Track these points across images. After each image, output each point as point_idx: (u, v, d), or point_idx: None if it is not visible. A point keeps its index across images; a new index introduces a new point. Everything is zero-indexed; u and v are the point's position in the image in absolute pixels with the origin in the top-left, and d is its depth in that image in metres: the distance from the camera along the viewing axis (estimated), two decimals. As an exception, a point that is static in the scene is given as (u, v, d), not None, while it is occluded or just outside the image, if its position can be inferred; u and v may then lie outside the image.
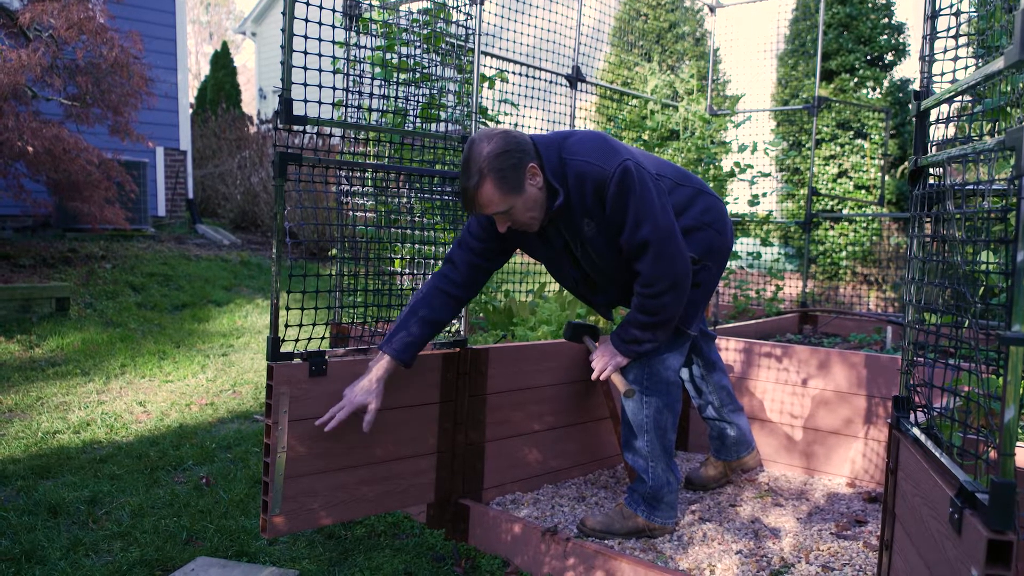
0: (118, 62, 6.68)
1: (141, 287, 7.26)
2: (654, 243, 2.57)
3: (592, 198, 2.57)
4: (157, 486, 3.39)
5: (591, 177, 2.54)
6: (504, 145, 2.47)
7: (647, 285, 2.63)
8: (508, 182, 2.48)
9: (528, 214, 2.58)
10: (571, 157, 2.57)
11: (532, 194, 2.55)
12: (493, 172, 2.45)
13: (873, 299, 8.56)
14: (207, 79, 15.95)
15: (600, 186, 2.54)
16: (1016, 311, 1.46)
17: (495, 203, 2.50)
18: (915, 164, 2.21)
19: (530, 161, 2.52)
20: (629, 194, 2.54)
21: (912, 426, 2.09)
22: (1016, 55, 1.47)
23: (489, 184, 2.46)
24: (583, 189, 2.56)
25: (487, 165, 2.45)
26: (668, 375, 2.92)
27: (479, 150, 2.47)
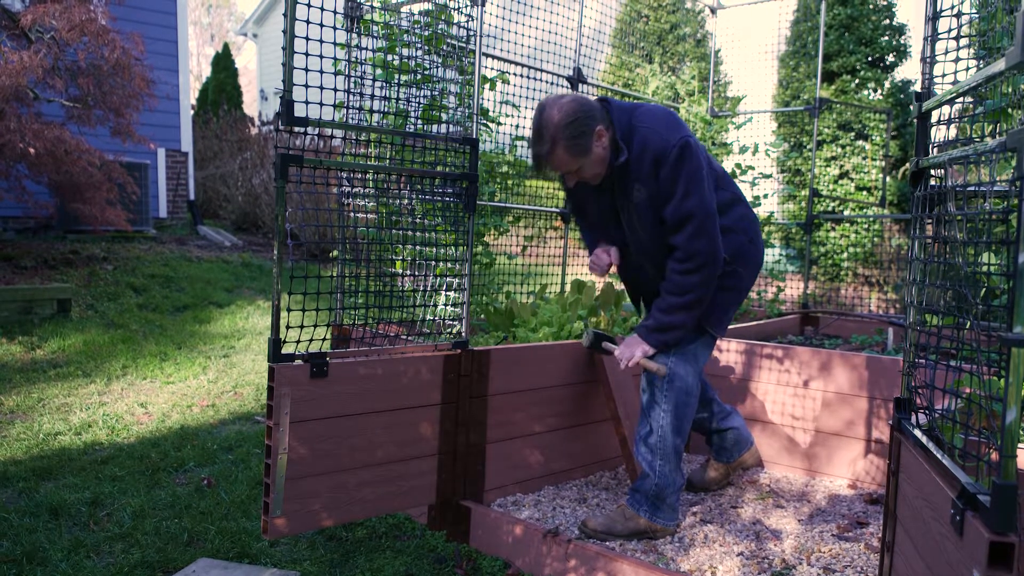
0: (120, 64, 6.69)
1: (142, 288, 7.27)
2: (697, 217, 2.70)
3: (649, 166, 2.72)
4: (158, 487, 3.39)
5: (652, 145, 2.70)
6: (573, 113, 2.65)
7: (683, 260, 2.74)
8: (578, 147, 2.68)
9: (593, 171, 2.78)
10: (639, 123, 2.74)
11: (598, 154, 2.74)
12: (564, 139, 2.65)
13: (874, 300, 8.56)
14: (208, 80, 15.96)
15: (659, 155, 2.69)
16: (1017, 312, 1.46)
17: (565, 165, 2.73)
18: (916, 165, 2.20)
19: (597, 125, 2.69)
20: (684, 166, 2.68)
21: (914, 428, 2.09)
22: (1017, 56, 1.47)
23: (560, 150, 2.67)
24: (643, 156, 2.72)
25: (559, 133, 2.64)
26: (689, 379, 2.95)
27: (549, 117, 2.66)
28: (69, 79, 6.78)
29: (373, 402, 2.78)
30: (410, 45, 3.53)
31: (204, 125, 13.44)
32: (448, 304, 3.25)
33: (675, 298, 2.79)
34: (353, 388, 2.71)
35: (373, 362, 2.77)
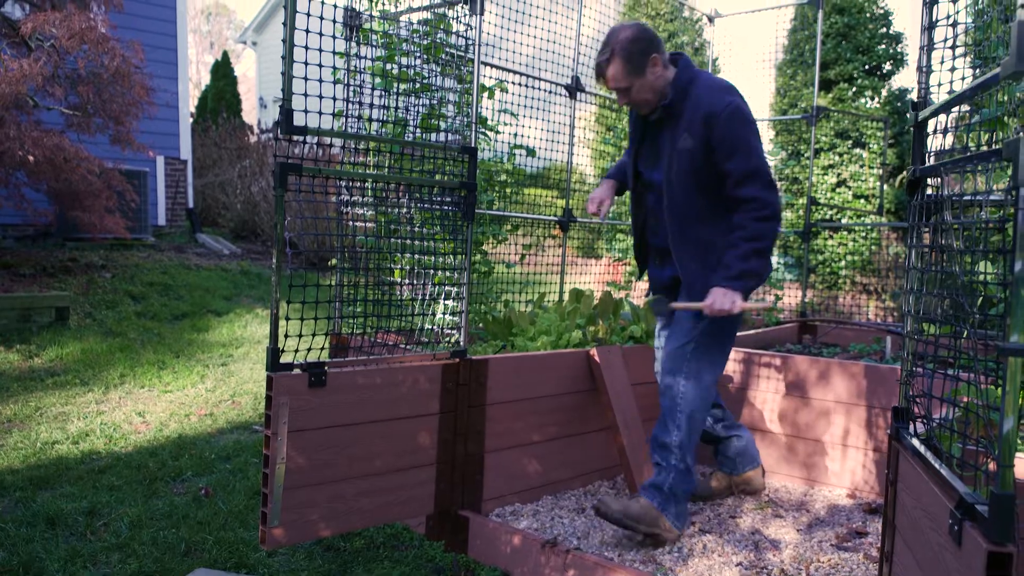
0: (119, 72, 6.69)
1: (141, 296, 7.26)
2: (764, 171, 2.93)
3: (700, 122, 2.94)
4: (156, 497, 3.38)
5: (705, 103, 2.95)
6: (636, 34, 2.97)
7: (759, 209, 2.90)
8: (632, 64, 2.96)
9: (642, 95, 3.03)
10: (700, 79, 3.03)
11: (650, 79, 3.00)
12: (622, 53, 2.95)
13: (872, 309, 8.56)
14: (208, 88, 15.98)
15: (710, 114, 2.92)
16: (1014, 322, 1.46)
17: (618, 79, 2.99)
18: (913, 174, 2.21)
19: (654, 52, 2.97)
20: (739, 125, 2.92)
21: (912, 437, 2.09)
22: (1013, 66, 1.47)
23: (617, 62, 2.96)
24: (697, 110, 2.96)
25: (619, 46, 2.95)
26: (708, 378, 3.08)
27: (615, 32, 2.99)
28: (69, 87, 6.79)
29: (371, 411, 2.77)
30: (409, 54, 3.54)
31: (203, 133, 13.45)
32: (446, 313, 3.25)
33: (753, 243, 2.91)
34: (351, 397, 2.71)
35: (371, 371, 2.77)
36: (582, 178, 6.12)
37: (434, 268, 3.33)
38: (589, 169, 6.14)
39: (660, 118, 3.09)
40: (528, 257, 4.83)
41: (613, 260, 6.84)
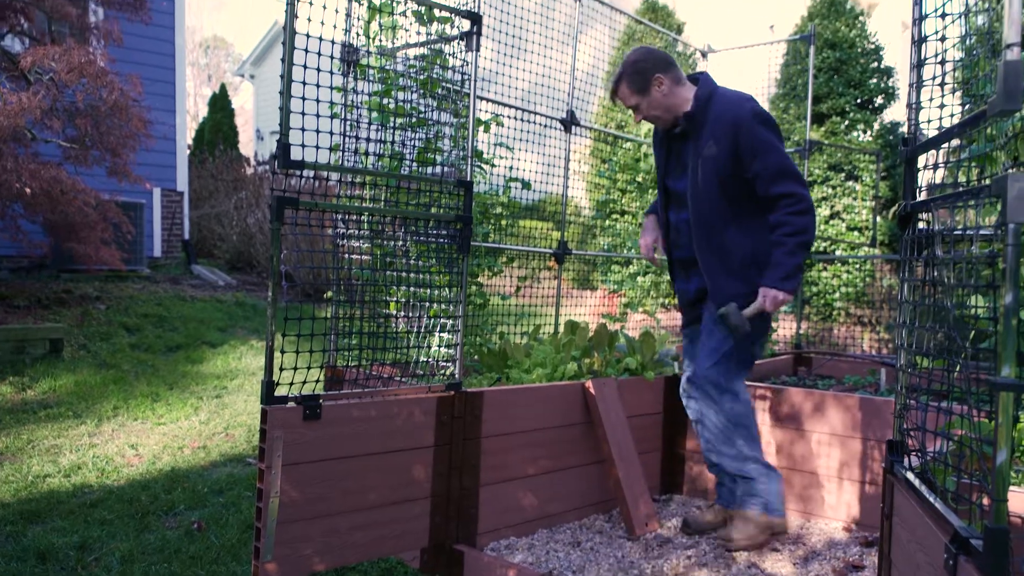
0: (117, 105, 6.75)
1: (135, 328, 7.25)
2: (793, 169, 3.12)
3: (725, 127, 3.12)
4: (148, 531, 3.35)
5: (729, 112, 3.14)
6: (640, 56, 3.25)
7: (795, 204, 3.07)
8: (636, 84, 3.23)
9: (653, 112, 3.28)
10: (720, 91, 3.24)
11: (656, 98, 3.24)
12: (627, 75, 3.25)
13: (867, 340, 8.58)
14: (205, 120, 16.08)
15: (736, 120, 3.11)
16: (1004, 355, 1.47)
17: (625, 97, 3.29)
18: (904, 209, 2.23)
19: (658, 73, 3.22)
20: (762, 128, 3.11)
21: (906, 470, 2.09)
22: (1000, 104, 1.50)
23: (623, 84, 3.27)
24: (721, 118, 3.14)
25: (625, 69, 3.26)
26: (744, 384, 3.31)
27: (626, 57, 3.28)
28: (67, 120, 6.83)
29: (366, 444, 2.77)
30: (406, 89, 3.58)
31: (200, 165, 13.51)
32: (442, 345, 3.25)
33: (797, 238, 3.07)
34: (346, 430, 2.70)
35: (366, 404, 2.77)
36: (577, 210, 6.16)
37: (429, 300, 3.34)
38: (584, 201, 6.18)
39: (684, 130, 3.27)
40: (523, 289, 4.84)
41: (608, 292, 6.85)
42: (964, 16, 2.12)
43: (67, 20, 7.26)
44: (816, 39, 10.12)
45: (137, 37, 9.29)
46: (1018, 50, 1.48)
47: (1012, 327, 1.47)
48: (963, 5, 2.11)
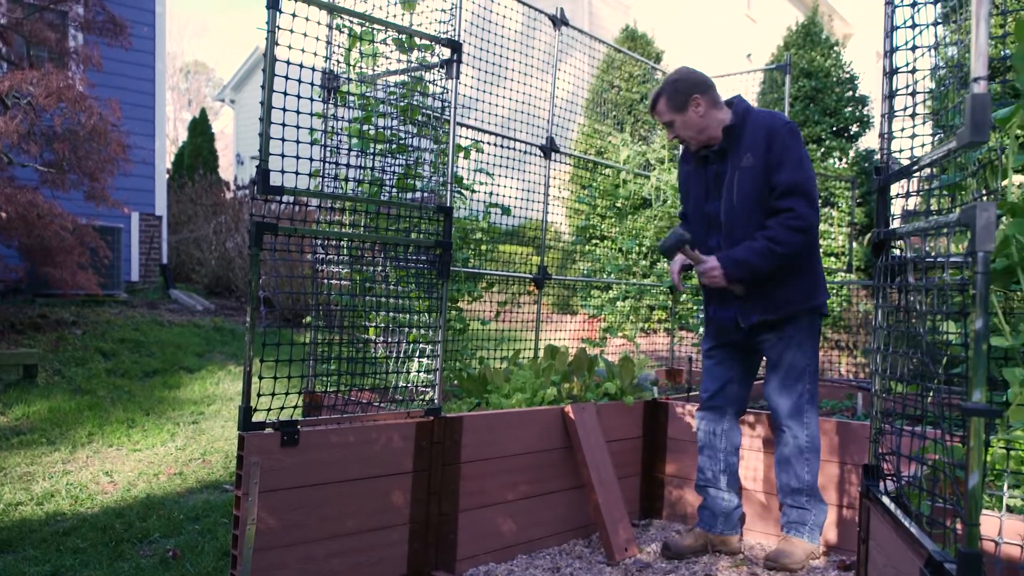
0: (96, 129, 6.72)
1: (111, 353, 7.17)
2: (809, 189, 3.20)
3: (762, 139, 3.23)
4: (122, 559, 3.30)
5: (765, 123, 3.28)
6: (682, 76, 3.36)
7: (794, 219, 3.17)
8: (674, 101, 3.33)
9: (687, 132, 3.37)
10: (755, 111, 3.37)
11: (692, 118, 3.33)
12: (665, 93, 3.36)
13: (844, 364, 8.64)
14: (185, 145, 16.05)
15: (771, 131, 3.23)
16: (975, 381, 1.50)
17: (662, 113, 3.39)
18: (877, 236, 2.27)
19: (696, 94, 3.31)
20: (794, 142, 3.23)
21: (882, 494, 2.11)
22: (968, 136, 1.54)
23: (662, 100, 3.37)
24: (757, 131, 3.26)
25: (665, 88, 3.37)
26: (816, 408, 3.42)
27: (668, 76, 3.41)
28: (44, 144, 6.80)
29: (344, 470, 2.75)
30: (386, 115, 3.60)
31: (179, 189, 13.46)
32: (421, 370, 3.25)
33: (771, 245, 3.16)
34: (324, 456, 2.69)
35: (345, 430, 2.76)
36: (557, 235, 6.19)
37: (409, 325, 3.34)
38: (564, 227, 6.21)
39: (722, 148, 3.35)
40: (503, 314, 4.85)
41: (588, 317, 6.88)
42: (934, 49, 2.18)
43: (46, 45, 7.25)
44: (792, 68, 10.27)
45: (117, 62, 9.28)
46: (985, 83, 1.52)
47: (983, 353, 1.50)
48: (933, 38, 2.16)
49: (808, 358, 3.37)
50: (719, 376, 3.54)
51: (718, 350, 3.56)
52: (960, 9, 2.00)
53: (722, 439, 3.54)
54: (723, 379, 3.53)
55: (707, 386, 3.59)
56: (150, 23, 10.32)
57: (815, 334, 3.42)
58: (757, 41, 18.41)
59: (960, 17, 2.00)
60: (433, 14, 3.53)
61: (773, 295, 3.30)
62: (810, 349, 3.38)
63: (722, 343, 3.54)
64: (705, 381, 3.61)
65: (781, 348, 3.36)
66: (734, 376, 3.54)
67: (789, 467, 3.39)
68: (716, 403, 3.55)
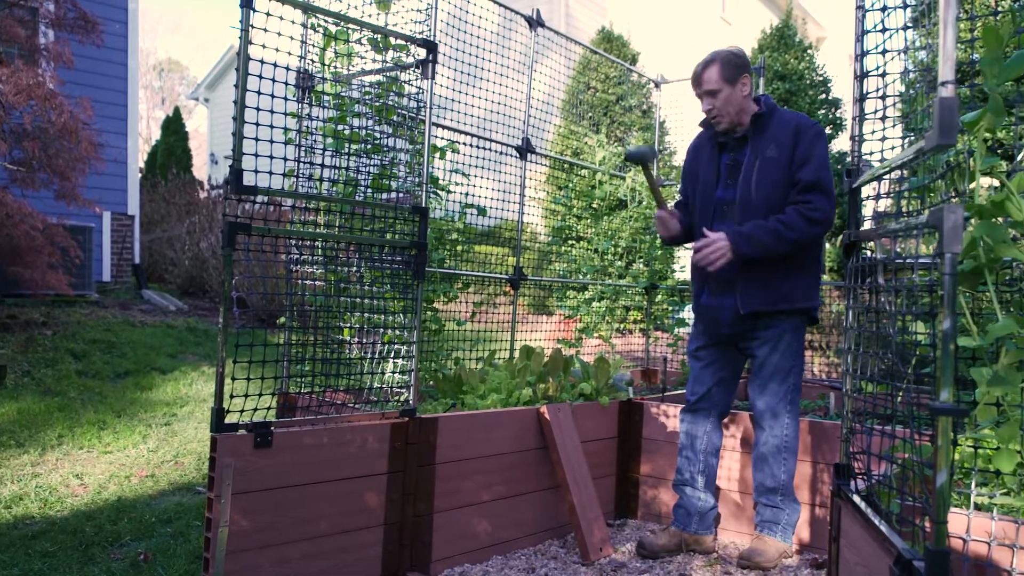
0: (67, 128, 6.63)
1: (82, 354, 7.08)
2: (829, 187, 3.26)
3: (790, 134, 3.29)
4: (92, 563, 3.26)
5: (794, 120, 3.35)
6: (737, 51, 3.42)
7: (813, 211, 3.20)
8: (727, 71, 3.33)
9: (726, 107, 3.36)
10: (783, 109, 3.45)
11: (737, 94, 3.35)
12: (720, 60, 3.35)
13: (817, 364, 8.72)
14: (158, 143, 15.90)
15: (800, 127, 3.30)
16: (943, 380, 1.52)
17: (712, 81, 3.34)
18: (849, 238, 2.30)
19: (746, 73, 3.36)
20: (821, 142, 3.30)
21: (853, 493, 2.13)
22: (935, 140, 1.56)
23: (715, 66, 3.34)
24: (786, 125, 3.33)
25: (720, 55, 3.36)
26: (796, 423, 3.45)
27: (720, 50, 3.42)
28: (14, 142, 6.70)
29: (318, 472, 2.74)
30: (361, 115, 3.59)
31: (152, 188, 13.32)
32: (396, 371, 3.24)
33: (783, 228, 3.18)
34: (298, 458, 2.67)
35: (319, 431, 2.74)
36: (533, 236, 6.20)
37: (383, 326, 3.33)
38: (540, 227, 6.22)
39: (744, 135, 3.39)
40: (479, 315, 4.85)
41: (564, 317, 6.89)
42: (904, 53, 2.21)
43: (16, 41, 7.14)
44: (766, 71, 10.36)
45: (89, 59, 9.17)
46: (953, 87, 1.54)
47: (950, 353, 1.52)
48: (903, 42, 2.19)
49: (794, 360, 3.41)
50: (706, 379, 3.55)
51: (707, 350, 3.56)
52: (929, 14, 2.03)
53: (703, 440, 3.56)
54: (710, 382, 3.54)
55: (694, 389, 3.59)
56: (122, 20, 10.20)
57: (802, 337, 3.45)
58: (732, 43, 18.52)
59: (929, 22, 2.03)
60: (408, 14, 3.52)
61: (776, 285, 3.30)
62: (797, 351, 3.42)
63: (711, 343, 3.54)
64: (692, 383, 3.61)
65: (769, 348, 3.38)
66: (721, 379, 3.56)
67: (765, 466, 3.42)
68: (701, 406, 3.56)
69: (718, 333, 3.49)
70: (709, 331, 3.52)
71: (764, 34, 11.15)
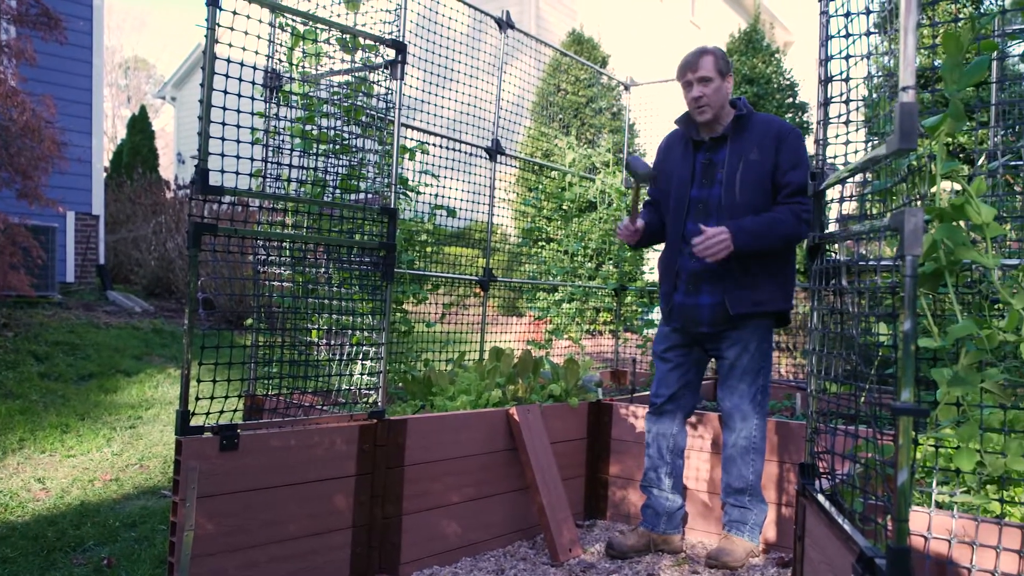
0: (29, 126, 6.52)
1: (45, 356, 6.96)
2: None
3: (772, 139, 3.36)
4: (54, 569, 3.21)
5: (776, 124, 3.42)
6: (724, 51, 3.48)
7: (804, 210, 3.25)
8: (721, 63, 3.42)
9: (714, 98, 3.40)
10: (758, 112, 3.52)
11: (725, 88, 3.43)
12: (716, 52, 3.44)
13: (784, 365, 8.81)
14: (124, 142, 15.67)
15: (782, 133, 3.37)
16: (904, 380, 1.54)
17: (706, 69, 3.40)
18: (813, 240, 2.32)
19: (730, 73, 3.46)
20: (803, 146, 3.39)
21: (817, 493, 2.16)
22: (896, 144, 1.58)
23: (711, 56, 3.42)
24: (768, 129, 3.39)
25: (714, 50, 3.45)
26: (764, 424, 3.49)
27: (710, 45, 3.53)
28: (-26, 140, 6.57)
29: (285, 475, 2.71)
30: (329, 115, 3.57)
31: (117, 188, 13.13)
32: (364, 373, 3.22)
33: (776, 224, 3.26)
34: (265, 461, 2.65)
35: (286, 433, 2.72)
36: (503, 238, 6.20)
37: (352, 328, 3.31)
38: (511, 229, 6.23)
39: (723, 135, 3.43)
40: (448, 316, 4.84)
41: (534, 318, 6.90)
42: (867, 58, 2.24)
43: (-24, 37, 7.00)
44: (734, 75, 10.47)
45: (52, 57, 9.01)
46: (913, 92, 1.57)
47: (911, 353, 1.54)
48: (866, 48, 2.22)
49: (764, 361, 3.45)
50: (673, 382, 3.56)
51: (675, 351, 3.56)
52: (892, 19, 2.06)
53: (670, 441, 3.58)
54: (677, 385, 3.56)
55: (660, 391, 3.59)
56: (87, 17, 10.05)
57: (771, 338, 3.49)
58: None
59: (892, 28, 2.06)
60: (377, 14, 3.50)
61: (763, 285, 3.35)
62: (767, 353, 3.46)
63: (682, 343, 3.54)
64: (658, 386, 3.61)
65: (740, 350, 3.41)
66: (688, 382, 3.58)
67: (734, 466, 3.45)
68: (667, 408, 3.58)
69: (694, 332, 3.48)
70: (683, 330, 3.51)
71: (732, 38, 11.26)
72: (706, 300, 3.40)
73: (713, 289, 3.38)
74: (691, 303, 3.43)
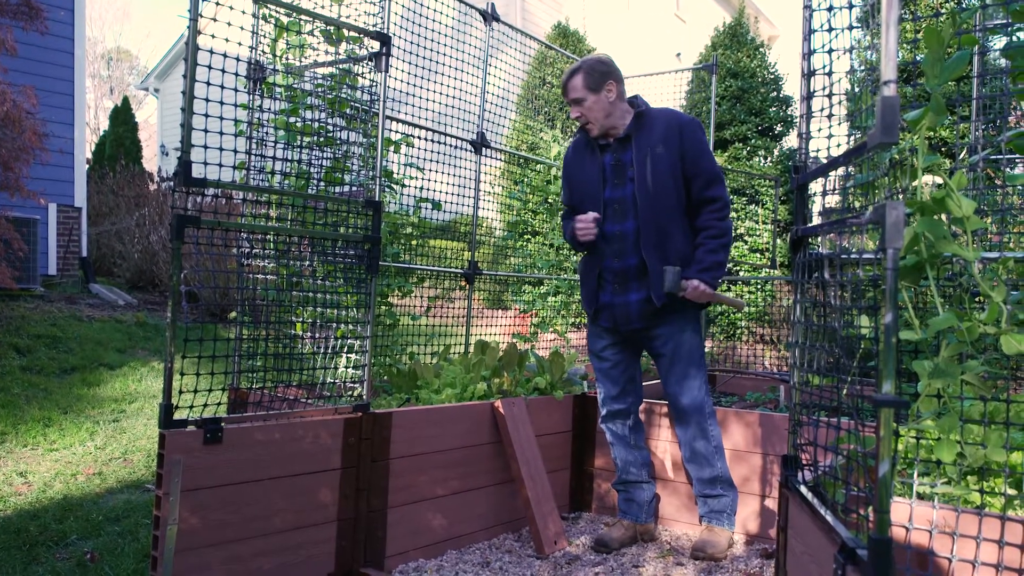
0: (9, 117, 6.45)
1: (27, 350, 6.90)
2: (722, 178, 3.42)
3: (674, 131, 3.37)
4: (36, 563, 3.19)
5: (675, 117, 3.44)
6: (600, 59, 3.49)
7: (720, 209, 3.37)
8: (590, 80, 3.40)
9: (593, 113, 3.42)
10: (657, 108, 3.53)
11: (603, 100, 3.41)
12: (584, 70, 3.42)
13: (769, 358, 8.87)
14: (106, 134, 15.53)
15: (683, 124, 3.39)
16: (885, 373, 1.55)
17: (575, 89, 3.43)
18: (796, 234, 2.34)
19: (611, 80, 3.42)
20: (703, 135, 3.43)
21: (800, 484, 2.17)
22: (878, 138, 1.59)
23: (579, 76, 3.42)
24: (670, 123, 3.40)
25: (584, 65, 3.44)
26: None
27: (586, 58, 3.49)
28: (-47, 131, 6.49)
29: (270, 468, 2.71)
30: (313, 108, 3.55)
31: (100, 180, 13.01)
32: (349, 366, 3.22)
33: (719, 240, 3.34)
34: (249, 454, 2.64)
35: (270, 427, 2.71)
36: (489, 231, 6.19)
37: (337, 321, 3.31)
38: (496, 222, 6.22)
39: (626, 135, 3.43)
40: (434, 309, 4.83)
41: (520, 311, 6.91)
42: (850, 52, 2.25)
43: (-45, 27, 6.91)
44: (719, 68, 10.49)
45: (33, 47, 8.93)
46: (894, 86, 1.57)
47: (892, 346, 1.56)
48: (849, 42, 2.23)
49: (700, 345, 3.51)
50: (617, 379, 3.59)
51: (612, 349, 3.58)
52: (875, 14, 2.07)
53: (631, 437, 3.64)
54: (622, 381, 3.59)
55: (608, 391, 3.62)
56: (68, 7, 9.94)
57: (701, 321, 3.58)
58: (686, 40, 18.71)
59: (874, 22, 2.07)
60: (362, 6, 3.49)
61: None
62: (701, 336, 3.53)
63: (617, 341, 3.56)
64: (605, 386, 3.63)
65: (674, 344, 3.44)
66: (631, 376, 3.62)
67: (701, 459, 3.50)
68: (619, 407, 3.61)
69: (625, 331, 3.49)
70: (616, 328, 3.51)
71: (717, 32, 11.27)
72: (634, 297, 3.42)
73: (640, 285, 3.41)
74: (620, 301, 3.45)
